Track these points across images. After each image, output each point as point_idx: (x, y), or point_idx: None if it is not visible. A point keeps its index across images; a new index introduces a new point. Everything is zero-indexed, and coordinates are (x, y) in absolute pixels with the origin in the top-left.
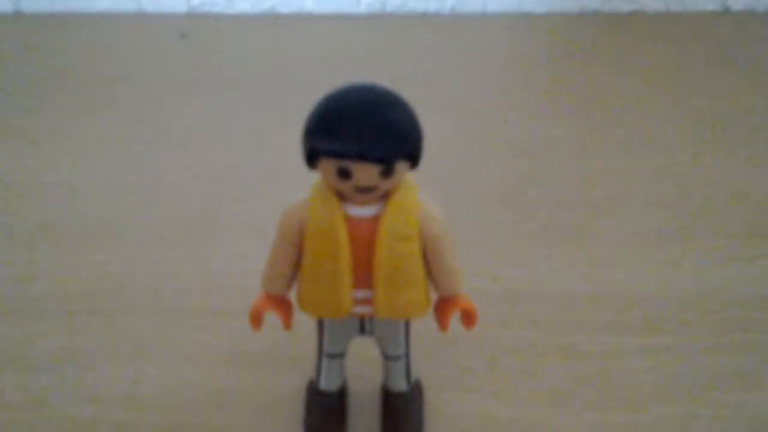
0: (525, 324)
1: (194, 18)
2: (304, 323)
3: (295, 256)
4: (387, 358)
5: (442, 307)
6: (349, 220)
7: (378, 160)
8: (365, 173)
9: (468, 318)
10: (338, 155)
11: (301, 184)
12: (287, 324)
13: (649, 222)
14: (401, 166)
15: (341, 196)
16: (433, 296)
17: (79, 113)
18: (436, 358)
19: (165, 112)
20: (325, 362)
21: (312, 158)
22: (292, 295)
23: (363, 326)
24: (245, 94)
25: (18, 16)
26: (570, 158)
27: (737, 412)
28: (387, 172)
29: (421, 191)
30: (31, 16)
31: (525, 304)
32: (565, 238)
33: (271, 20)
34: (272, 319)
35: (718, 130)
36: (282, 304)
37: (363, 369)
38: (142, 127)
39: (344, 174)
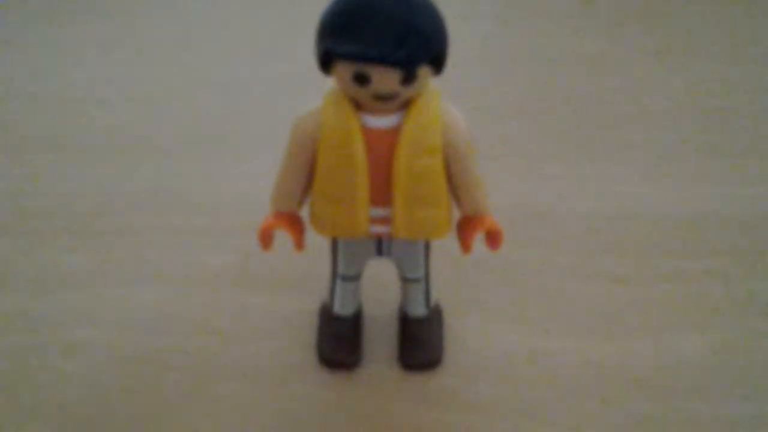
0: (552, 246)
1: None
2: (318, 243)
3: (307, 171)
4: (405, 280)
5: (466, 226)
6: (367, 131)
7: (399, 64)
8: (385, 78)
9: (493, 239)
10: (356, 58)
11: (315, 92)
12: (299, 243)
13: (684, 137)
14: (424, 72)
15: (358, 105)
16: (455, 216)
17: (73, 19)
18: (458, 281)
19: (168, 16)
20: (339, 285)
21: (326, 62)
22: (305, 214)
23: (380, 247)
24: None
25: None
26: (601, 71)
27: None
28: (409, 78)
29: (445, 98)
30: None
31: (552, 224)
32: (593, 154)
33: None
34: (283, 237)
35: (761, 37)
36: (293, 223)
37: (380, 292)
38: (143, 34)
39: (362, 79)
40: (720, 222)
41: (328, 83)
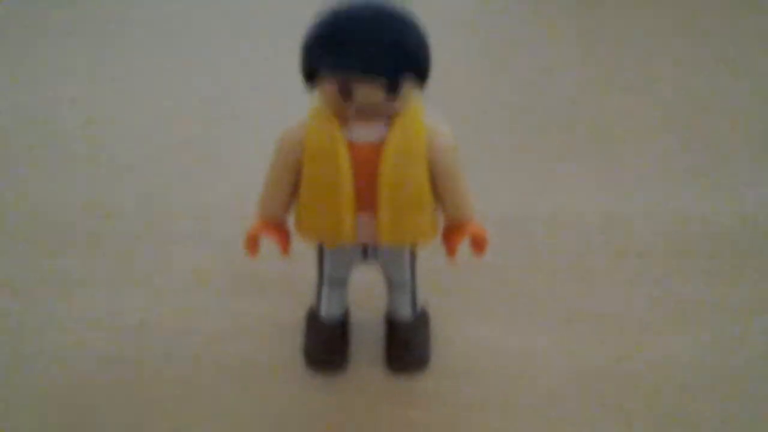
0: (536, 250)
1: None
2: (304, 248)
3: (292, 181)
4: (391, 284)
5: (451, 233)
6: (351, 144)
7: (382, 76)
8: (368, 91)
9: (478, 244)
10: (339, 71)
11: (302, 103)
12: (285, 249)
13: (668, 144)
14: (407, 86)
15: (342, 120)
16: (441, 223)
17: (67, 34)
18: (443, 286)
19: (157, 31)
20: (325, 289)
21: (311, 76)
22: (291, 221)
23: (366, 252)
24: (241, 9)
25: None
26: (582, 80)
27: (757, 339)
28: (392, 91)
29: (429, 111)
30: None
31: (537, 227)
32: (579, 160)
33: None
34: (270, 244)
35: (731, 48)
36: (279, 230)
37: (366, 296)
38: (132, 48)
39: (346, 92)
40: (707, 225)
41: (313, 95)
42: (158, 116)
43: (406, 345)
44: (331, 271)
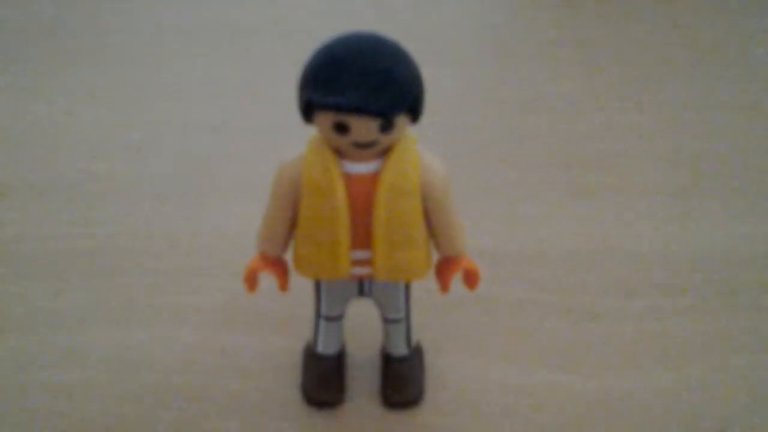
0: (529, 285)
1: None
2: (302, 284)
3: (291, 215)
4: (387, 321)
5: (444, 267)
6: (347, 177)
7: (378, 114)
8: (364, 127)
9: (470, 278)
10: (335, 108)
11: (298, 139)
12: (283, 285)
13: (657, 179)
14: (401, 121)
15: (339, 153)
16: (434, 257)
17: (61, 61)
18: (438, 321)
19: (153, 60)
20: (322, 325)
21: (308, 111)
22: (289, 257)
23: (362, 288)
24: (240, 42)
25: None
26: (574, 113)
27: (748, 374)
28: (387, 127)
29: (421, 144)
30: None
31: (529, 263)
32: (569, 195)
33: None
34: (268, 280)
35: (729, 85)
36: (278, 265)
37: (362, 332)
38: (128, 78)
39: (342, 128)
40: (694, 260)
41: (312, 128)
42: (151, 145)
43: (401, 380)
44: (327, 307)
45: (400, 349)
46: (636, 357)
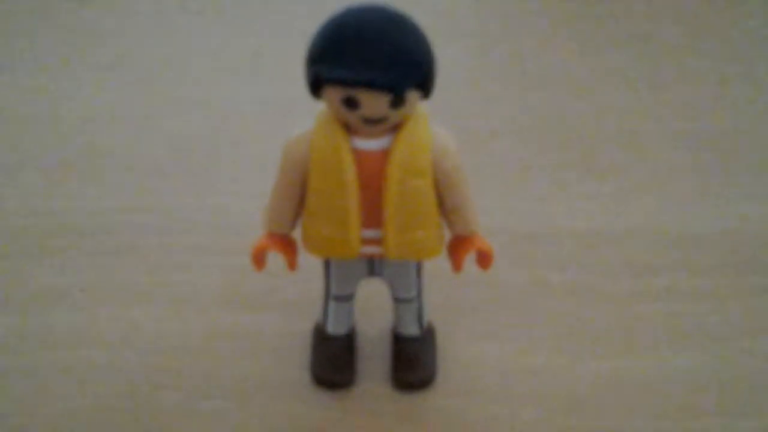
0: (542, 264)
1: None
2: (311, 263)
3: (299, 193)
4: (398, 301)
5: (457, 246)
6: (357, 153)
7: (388, 89)
8: (374, 103)
9: (484, 258)
10: (344, 83)
11: (306, 114)
12: (292, 264)
13: (672, 157)
14: (412, 96)
15: (348, 128)
16: (447, 236)
17: (63, 40)
18: (450, 301)
19: (155, 36)
20: (332, 305)
21: (316, 86)
22: (297, 234)
23: (372, 267)
24: (243, 15)
25: None
26: (589, 91)
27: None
28: (397, 102)
29: (433, 120)
30: None
31: (542, 243)
32: (583, 173)
33: None
34: (276, 258)
35: (745, 62)
36: (286, 244)
37: (372, 312)
38: (131, 54)
39: (351, 103)
40: (711, 240)
41: (319, 104)
42: (154, 122)
43: (412, 362)
44: (337, 287)
45: (411, 330)
46: (651, 338)
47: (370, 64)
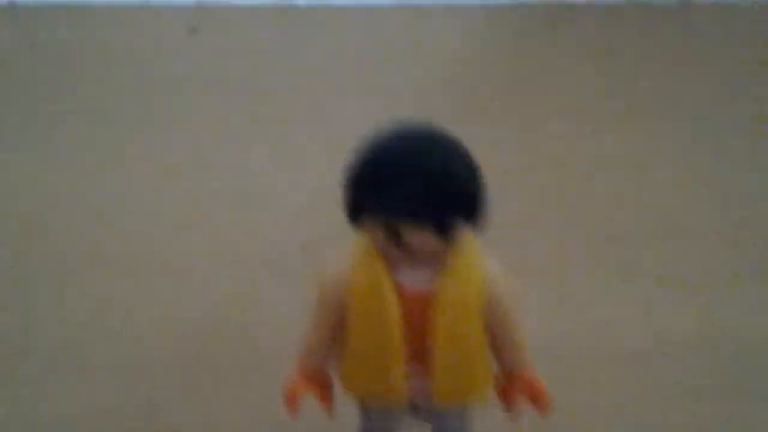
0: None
1: (204, 11)
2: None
3: (336, 330)
4: None
5: (507, 384)
6: (400, 290)
7: (432, 221)
8: (417, 235)
9: (538, 398)
10: (384, 215)
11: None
12: (329, 408)
13: (722, 256)
14: (459, 228)
15: (389, 259)
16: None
17: (77, 117)
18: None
19: (169, 116)
20: None
21: (356, 215)
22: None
23: (416, 408)
24: (262, 98)
25: (12, 9)
26: (623, 178)
27: None
28: (444, 235)
29: (482, 247)
30: (28, 9)
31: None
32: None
33: (289, 13)
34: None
35: None
36: (322, 384)
37: None
38: (141, 138)
39: (393, 235)
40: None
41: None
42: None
43: None
44: (375, 428)
45: None
46: None
47: (412, 194)
